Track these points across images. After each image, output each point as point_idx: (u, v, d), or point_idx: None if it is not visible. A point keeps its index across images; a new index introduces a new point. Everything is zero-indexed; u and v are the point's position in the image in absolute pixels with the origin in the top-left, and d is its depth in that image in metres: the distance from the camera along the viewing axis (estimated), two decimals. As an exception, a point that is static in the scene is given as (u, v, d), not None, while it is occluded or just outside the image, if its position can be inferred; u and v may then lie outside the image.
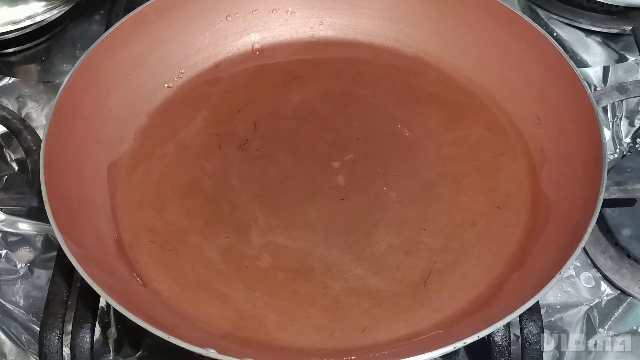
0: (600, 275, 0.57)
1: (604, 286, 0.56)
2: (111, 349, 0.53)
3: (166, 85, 0.61)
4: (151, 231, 0.53)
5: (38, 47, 0.70)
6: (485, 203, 0.54)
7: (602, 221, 0.56)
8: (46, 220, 0.46)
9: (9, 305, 0.55)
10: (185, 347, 0.41)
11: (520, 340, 0.49)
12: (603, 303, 0.55)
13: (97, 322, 0.51)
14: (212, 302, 0.49)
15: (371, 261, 0.51)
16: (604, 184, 0.48)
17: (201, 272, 0.51)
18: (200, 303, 0.49)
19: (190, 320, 0.48)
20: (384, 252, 0.52)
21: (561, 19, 0.71)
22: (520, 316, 0.49)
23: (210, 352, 0.41)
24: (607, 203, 0.55)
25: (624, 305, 0.55)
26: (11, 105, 0.65)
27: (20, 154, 0.60)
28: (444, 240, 0.52)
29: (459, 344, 0.41)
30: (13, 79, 0.67)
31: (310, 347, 0.47)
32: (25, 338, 0.53)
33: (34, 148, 0.55)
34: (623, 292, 0.56)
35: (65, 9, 0.68)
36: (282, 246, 0.52)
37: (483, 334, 0.42)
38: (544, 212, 0.53)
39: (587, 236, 0.46)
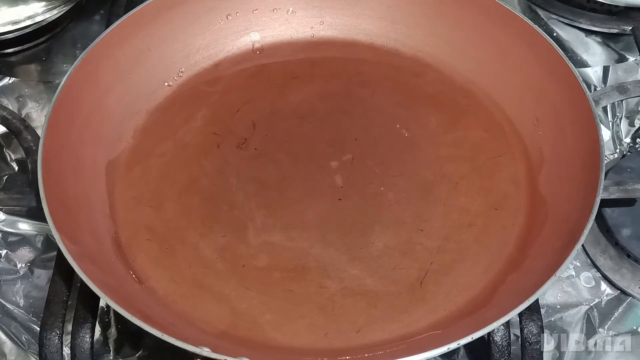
0: (600, 275, 0.56)
1: (603, 286, 0.56)
2: (111, 349, 0.53)
3: (166, 83, 0.61)
4: (148, 229, 0.53)
5: (38, 47, 0.70)
6: (483, 204, 0.54)
7: (602, 221, 0.56)
8: (46, 220, 0.46)
9: (9, 305, 0.55)
10: (179, 346, 0.41)
11: (520, 340, 0.49)
12: (603, 303, 0.55)
13: (97, 322, 0.51)
14: (207, 301, 0.49)
15: (367, 261, 0.51)
16: (601, 187, 0.48)
17: (197, 270, 0.51)
18: (196, 302, 0.49)
19: (186, 318, 0.48)
20: (380, 252, 0.52)
21: (561, 19, 0.71)
22: (520, 316, 0.49)
23: (204, 351, 0.41)
24: (607, 203, 0.55)
25: (624, 305, 0.55)
26: (11, 105, 0.65)
27: (20, 154, 0.60)
28: (440, 241, 0.52)
29: (453, 345, 0.41)
30: (13, 79, 0.67)
31: (305, 347, 0.47)
32: (25, 338, 0.53)
33: (34, 148, 0.55)
34: (623, 292, 0.55)
35: (65, 9, 0.68)
36: (278, 245, 0.52)
37: (477, 335, 0.42)
38: (541, 213, 0.52)
39: (583, 238, 0.45)
